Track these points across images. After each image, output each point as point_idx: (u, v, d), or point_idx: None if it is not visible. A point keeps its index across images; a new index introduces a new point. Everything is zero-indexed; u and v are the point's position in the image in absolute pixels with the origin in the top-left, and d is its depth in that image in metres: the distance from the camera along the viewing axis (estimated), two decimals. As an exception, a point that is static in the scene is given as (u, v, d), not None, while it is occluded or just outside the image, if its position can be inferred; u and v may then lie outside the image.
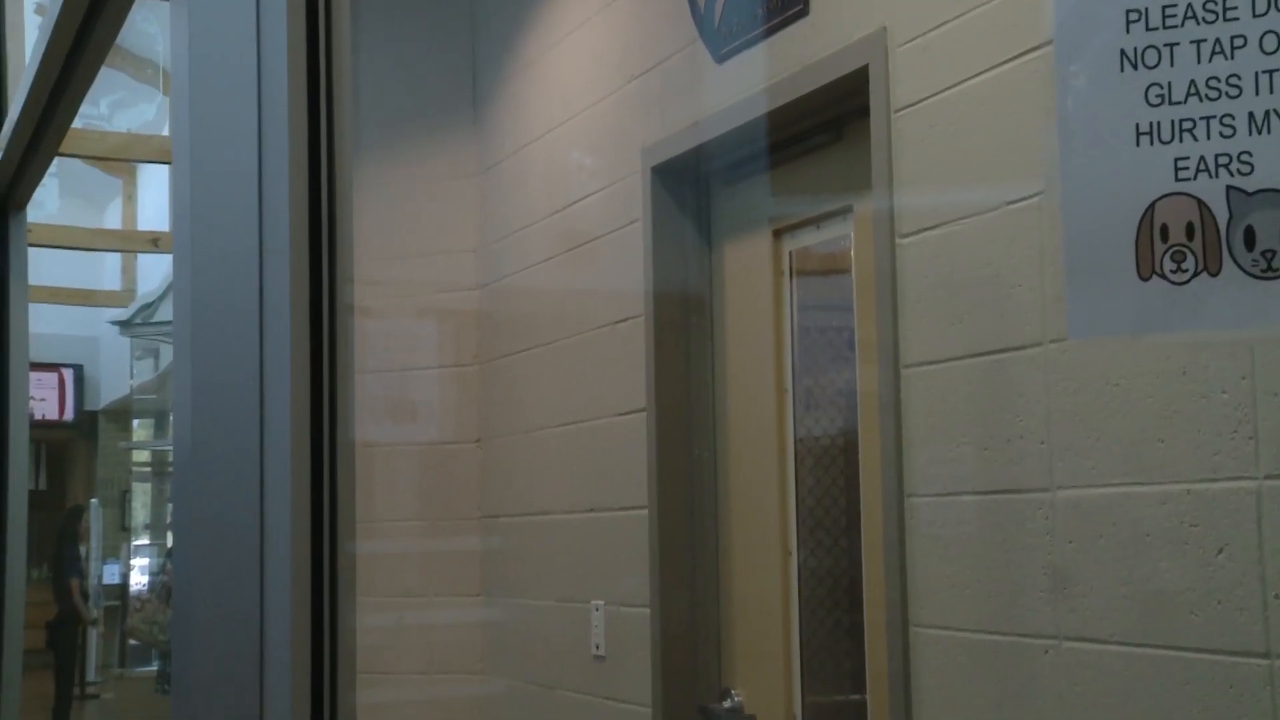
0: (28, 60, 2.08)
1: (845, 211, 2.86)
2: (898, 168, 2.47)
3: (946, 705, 2.33)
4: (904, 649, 2.41)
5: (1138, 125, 1.45)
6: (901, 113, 2.48)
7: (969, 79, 2.33)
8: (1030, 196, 2.18)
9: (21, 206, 2.60)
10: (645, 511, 3.32)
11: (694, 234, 3.30)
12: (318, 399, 1.25)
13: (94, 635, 10.85)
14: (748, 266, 3.17)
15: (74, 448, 14.96)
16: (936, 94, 2.40)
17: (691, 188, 3.32)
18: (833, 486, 2.93)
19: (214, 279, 1.21)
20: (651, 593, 3.28)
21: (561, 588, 3.76)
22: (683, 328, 3.31)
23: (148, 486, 12.92)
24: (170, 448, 12.39)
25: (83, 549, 10.02)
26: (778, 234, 3.08)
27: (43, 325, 3.00)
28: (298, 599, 1.22)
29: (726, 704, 3.12)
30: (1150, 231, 1.44)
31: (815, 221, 2.98)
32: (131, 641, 10.75)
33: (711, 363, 3.28)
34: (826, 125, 2.85)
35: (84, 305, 13.22)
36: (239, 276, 1.21)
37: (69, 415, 14.61)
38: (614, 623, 3.47)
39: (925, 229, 2.41)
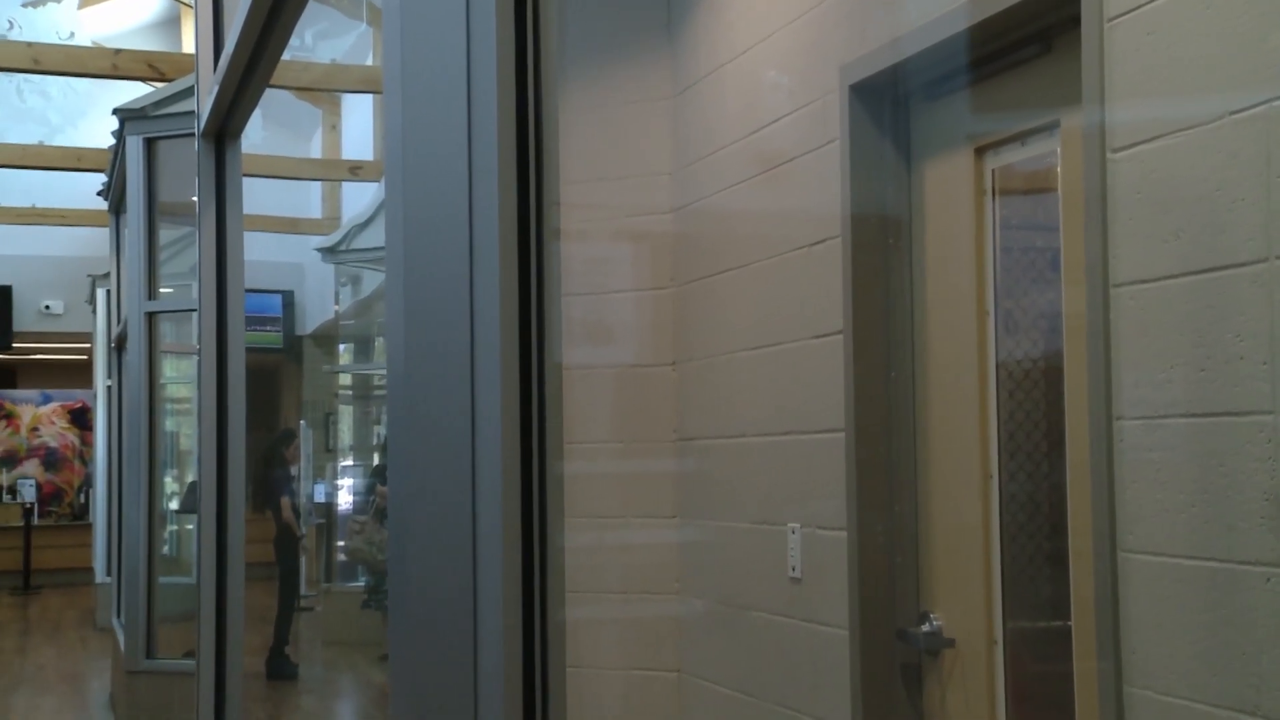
0: (240, -6, 2.13)
1: (1052, 127, 2.76)
2: (1110, 79, 2.38)
3: (1156, 632, 2.27)
4: (1112, 574, 2.35)
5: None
6: (1115, 21, 2.37)
7: (1187, -17, 2.22)
8: (1256, 105, 2.08)
9: (236, 136, 2.70)
10: (842, 434, 3.30)
11: (892, 153, 3.24)
12: (525, 322, 1.27)
13: (304, 552, 11.31)
14: (948, 186, 3.10)
15: (284, 372, 15.56)
16: (1153, 0, 2.29)
17: (890, 106, 3.25)
18: (1035, 409, 2.86)
19: (424, 201, 1.23)
20: (848, 515, 3.27)
21: (757, 510, 3.77)
22: (880, 249, 3.26)
23: (351, 409, 13.36)
24: (374, 371, 12.79)
25: (293, 470, 10.42)
26: (979, 152, 3.00)
27: (256, 253, 3.12)
28: (509, 519, 1.24)
29: (925, 627, 3.11)
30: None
31: (1019, 138, 2.89)
32: (344, 559, 11.18)
33: (910, 284, 3.23)
34: (1034, 37, 2.76)
35: (291, 233, 13.66)
36: (449, 199, 1.22)
37: (279, 341, 15.18)
38: (810, 545, 3.47)
39: (1139, 143, 2.32)
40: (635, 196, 4.30)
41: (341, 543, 11.81)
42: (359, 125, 13.34)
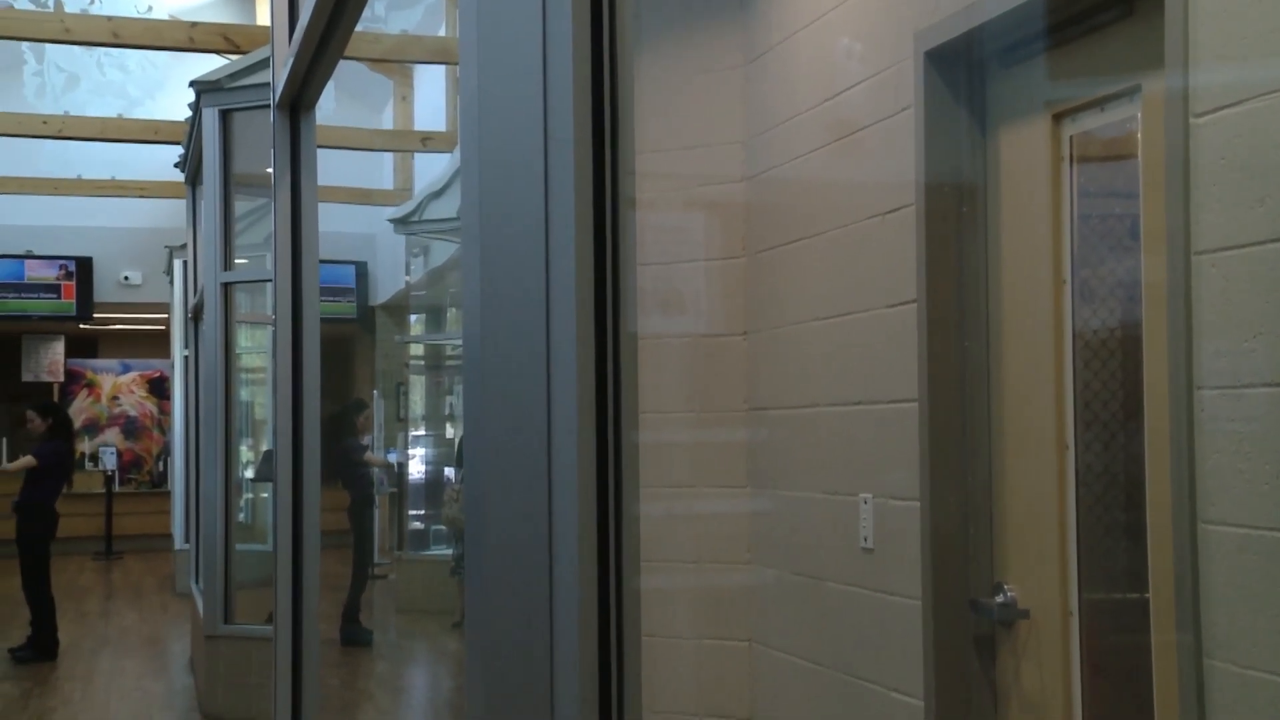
0: (314, -35, 2.14)
1: (1132, 92, 2.72)
2: (1194, 42, 2.33)
3: (1238, 605, 2.24)
4: (1192, 547, 2.32)
5: None
6: (1200, -17, 2.33)
7: (1274, -57, 2.16)
8: (1344, 69, 2.03)
9: (310, 107, 2.71)
10: (914, 404, 3.28)
11: (967, 120, 3.20)
12: (601, 292, 1.26)
13: (377, 521, 11.43)
14: (1024, 153, 3.06)
15: (357, 342, 15.70)
16: (1237, -38, 2.25)
17: (965, 72, 3.21)
18: (1111, 380, 2.83)
19: (500, 171, 1.23)
20: (921, 486, 3.25)
21: (829, 480, 3.76)
22: (955, 217, 3.23)
23: (422, 379, 13.46)
24: (444, 341, 12.88)
25: (366, 440, 10.52)
26: (1057, 118, 2.95)
27: (329, 224, 3.14)
28: (584, 488, 1.24)
29: (999, 598, 3.08)
30: None
31: (1099, 104, 2.84)
32: (440, 526, 11.26)
33: (985, 253, 3.19)
34: (1114, 0, 2.71)
35: (363, 204, 13.76)
36: (524, 168, 1.22)
37: (353, 311, 15.31)
38: (883, 515, 3.46)
39: (1223, 107, 2.27)
40: (707, 165, 4.29)
41: (416, 510, 11.92)
42: (430, 96, 13.40)
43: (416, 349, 13.59)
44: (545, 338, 1.24)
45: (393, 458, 12.71)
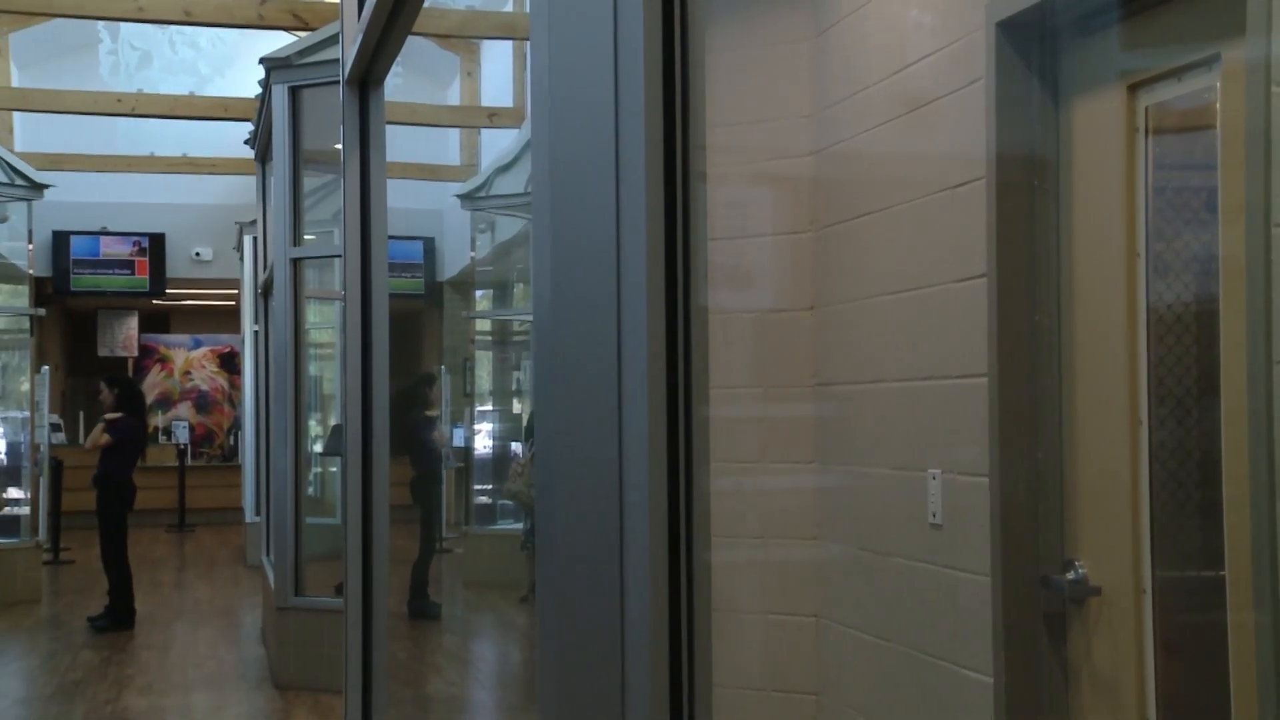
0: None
1: (1211, 61, 2.66)
2: (1277, 9, 2.28)
3: (1316, 585, 2.20)
4: (1270, 524, 2.28)
5: None
6: (1281, -51, 2.28)
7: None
8: None
9: (379, 83, 2.73)
10: (984, 379, 3.25)
11: (1040, 92, 3.16)
12: (671, 266, 1.26)
13: (445, 495, 11.52)
14: (1098, 124, 3.02)
15: (424, 318, 15.80)
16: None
17: (1038, 43, 3.17)
18: (1186, 355, 2.78)
19: (571, 145, 1.23)
20: (991, 461, 3.22)
21: (896, 455, 3.74)
22: (1026, 190, 3.19)
23: (489, 355, 13.52)
24: (510, 317, 12.92)
25: (434, 414, 10.59)
26: (1132, 89, 2.90)
27: (397, 200, 3.16)
28: (654, 463, 1.24)
29: (1070, 575, 3.05)
30: None
31: (1176, 74, 2.79)
32: (506, 501, 11.33)
33: (1056, 226, 3.15)
34: (1192, -32, 2.66)
35: (430, 180, 13.83)
36: (595, 142, 1.22)
37: (421, 287, 15.41)
38: (951, 491, 3.43)
39: (1304, 76, 2.23)
40: (775, 139, 4.26)
41: (482, 485, 11.99)
42: (496, 72, 13.43)
43: (483, 324, 13.66)
44: (616, 313, 1.24)
45: (459, 433, 12.80)
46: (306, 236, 8.34)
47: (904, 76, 3.64)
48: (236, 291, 15.98)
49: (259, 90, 8.77)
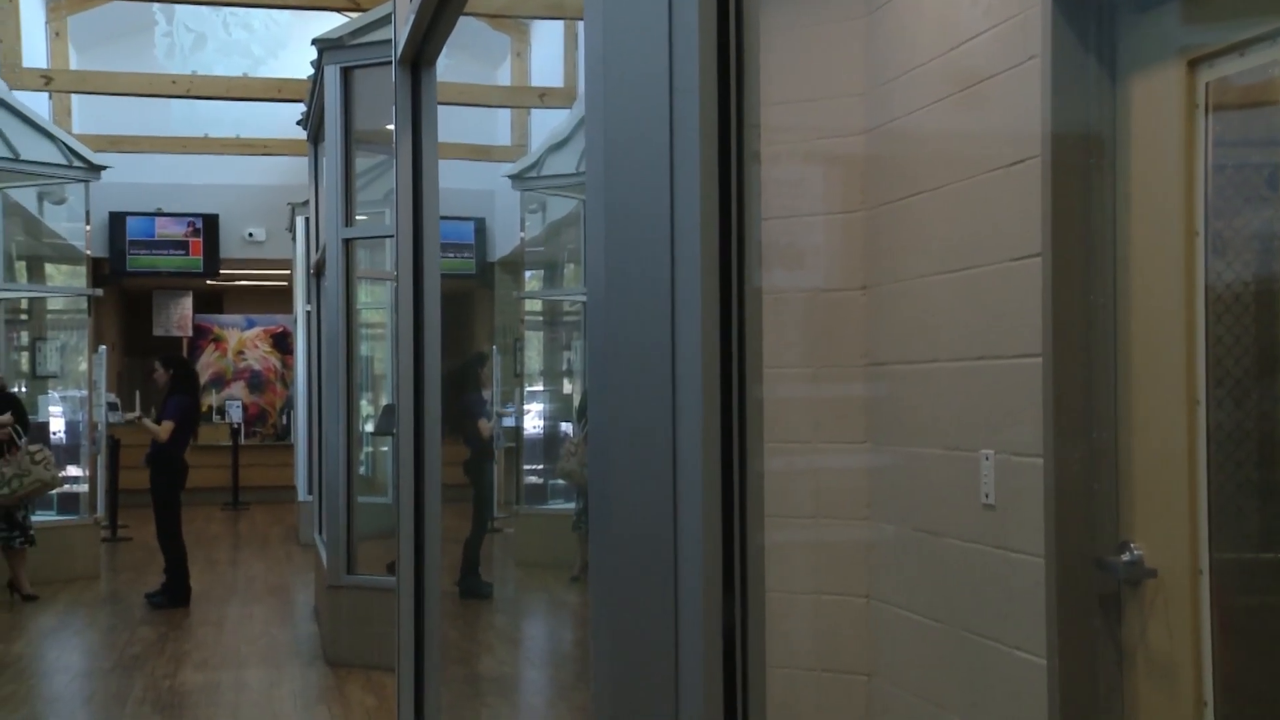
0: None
1: (1275, 36, 2.62)
2: (1340, -16, 2.24)
3: (1378, 569, 2.17)
4: (1330, 508, 2.25)
5: None
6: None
7: None
8: None
9: (431, 63, 2.73)
10: (1038, 359, 3.22)
11: (1096, 68, 3.12)
12: (726, 246, 1.26)
13: (496, 475, 11.57)
14: (1157, 101, 2.97)
15: (475, 298, 15.86)
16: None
17: (1095, 19, 3.13)
18: (1245, 335, 2.75)
19: (625, 124, 1.23)
20: (1045, 442, 3.19)
21: (949, 436, 3.72)
22: (1082, 169, 3.15)
23: (539, 335, 13.55)
24: (560, 297, 12.94)
25: (486, 394, 10.62)
26: (1192, 65, 2.86)
27: (448, 180, 3.16)
28: (708, 443, 1.24)
29: (1125, 557, 3.03)
30: None
31: (1238, 49, 2.75)
32: (558, 480, 11.37)
33: (1113, 205, 3.11)
34: (1253, -59, 2.62)
35: (481, 160, 13.86)
36: (649, 121, 1.21)
37: (472, 267, 15.47)
38: (1004, 472, 3.41)
39: (1368, 52, 2.19)
40: (826, 118, 4.24)
41: (532, 465, 12.03)
42: (547, 52, 13.43)
43: (533, 304, 13.70)
44: (670, 294, 1.24)
45: (509, 411, 12.84)
46: (358, 217, 8.38)
47: (958, 54, 3.61)
48: (289, 272, 16.09)
49: (311, 71, 8.81)
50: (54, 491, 11.11)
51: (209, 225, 17.20)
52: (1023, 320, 3.28)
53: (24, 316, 13.18)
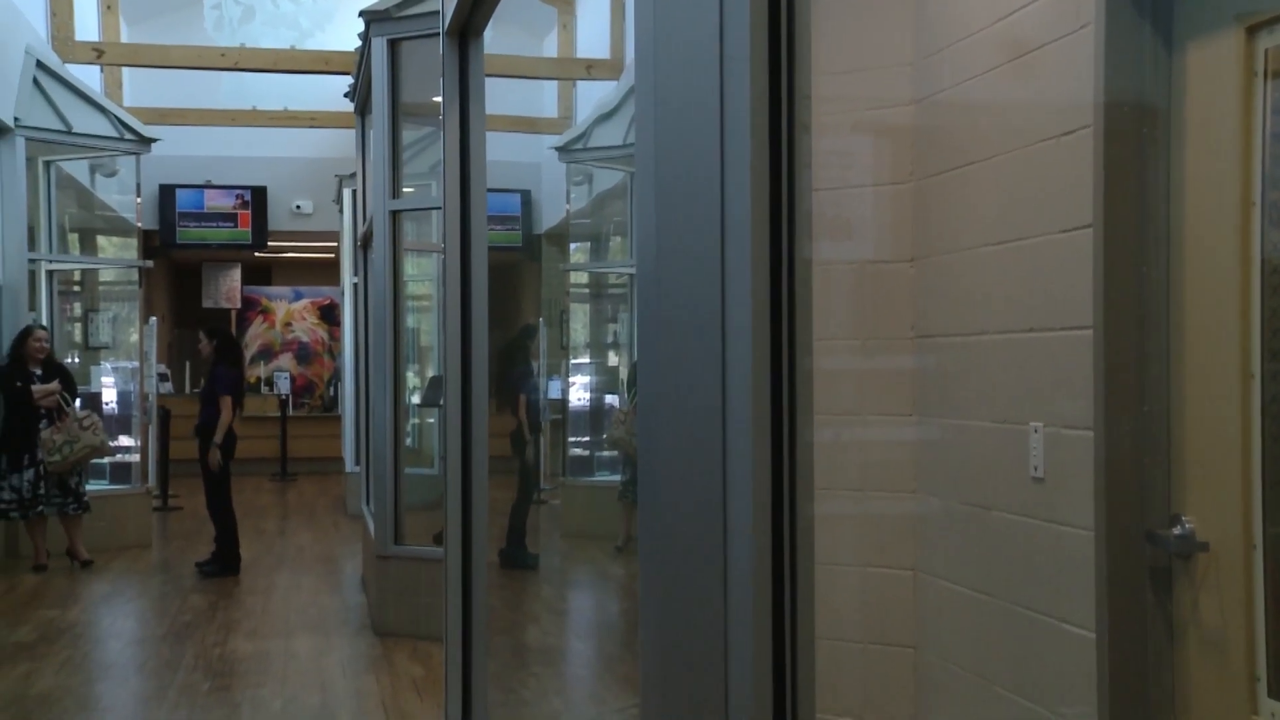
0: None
1: (1333, 2, 2.58)
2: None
3: None
4: (1388, 482, 2.22)
5: None
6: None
7: None
8: None
9: (479, 34, 2.73)
10: (1089, 331, 3.19)
11: (1151, 36, 3.07)
12: (776, 218, 1.25)
13: (543, 447, 11.60)
14: (1213, 69, 2.93)
15: (522, 271, 15.89)
16: None
17: (1150, -15, 3.08)
18: (1301, 306, 2.71)
19: (675, 90, 1.22)
20: (1095, 415, 3.17)
21: (997, 408, 3.69)
22: (1135, 138, 3.11)
23: (584, 308, 13.56)
24: (606, 270, 12.94)
25: (534, 365, 10.64)
26: (1251, 31, 2.81)
27: (494, 153, 3.16)
28: (758, 412, 1.24)
29: (1176, 530, 3.00)
30: None
31: (1296, 15, 2.70)
32: (607, 450, 11.38)
33: (1167, 175, 3.07)
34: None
35: (527, 132, 13.85)
36: (700, 90, 1.21)
37: (518, 240, 15.48)
38: (1054, 445, 3.39)
39: None
40: (875, 88, 4.20)
41: (578, 437, 12.06)
42: (593, 24, 13.39)
43: (578, 277, 13.70)
44: (720, 264, 1.23)
45: (555, 385, 12.87)
46: (405, 189, 8.39)
47: (1009, 23, 3.57)
48: (336, 244, 16.18)
49: (359, 43, 8.83)
50: (106, 460, 11.24)
51: (257, 197, 17.31)
52: (1073, 292, 3.24)
53: (77, 288, 13.32)
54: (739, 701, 1.21)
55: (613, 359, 12.92)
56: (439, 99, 3.08)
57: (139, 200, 12.26)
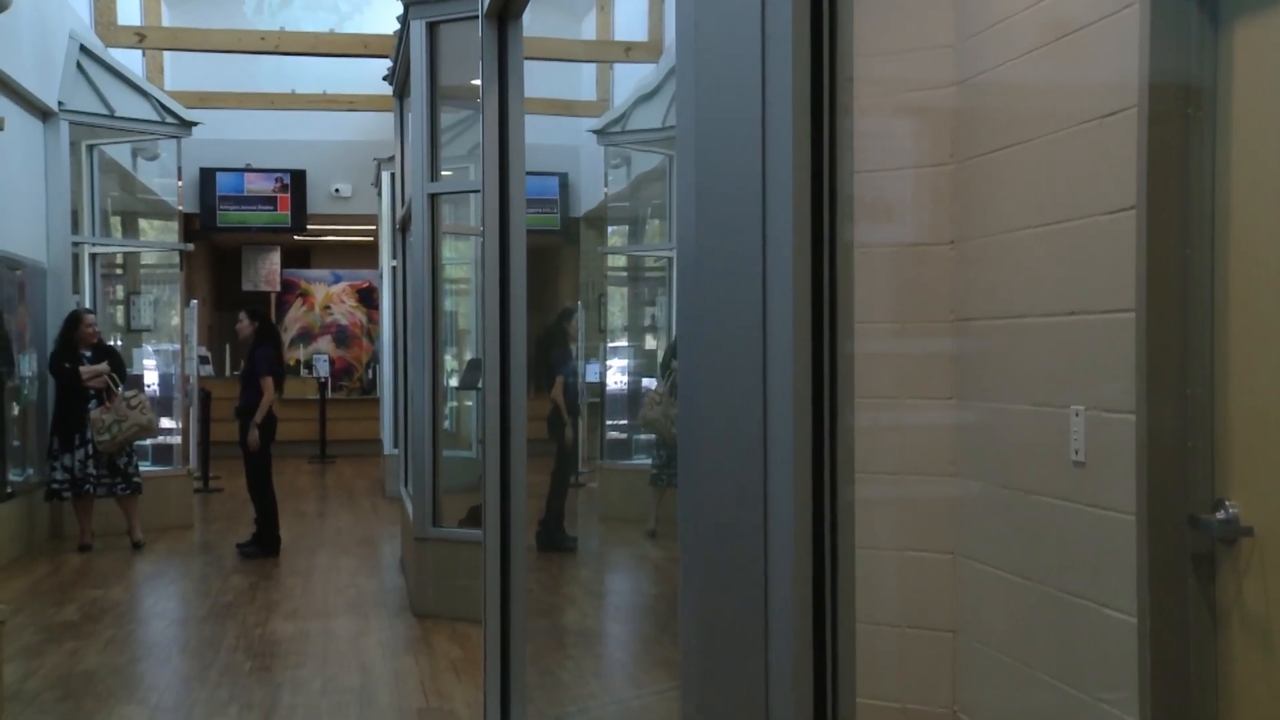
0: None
1: (1382, -19, 2.54)
2: None
3: None
4: None
5: None
6: None
7: None
8: None
9: (518, 16, 2.73)
10: (1131, 315, 3.16)
11: (1197, 15, 3.04)
12: (818, 199, 1.24)
13: (580, 430, 11.60)
14: (1261, 48, 2.89)
15: (560, 254, 15.89)
16: None
17: (1196, -36, 3.04)
18: (1348, 289, 2.68)
19: (717, 69, 1.21)
20: (1137, 398, 3.14)
21: (1038, 392, 3.67)
22: (1180, 119, 3.08)
23: (622, 291, 13.55)
24: (644, 253, 12.93)
25: (573, 348, 10.63)
26: (1297, 11, 2.78)
27: (532, 136, 3.16)
28: (799, 396, 1.23)
29: (1220, 515, 2.97)
30: None
31: (1344, -6, 2.66)
32: (640, 433, 11.38)
33: (1212, 157, 3.04)
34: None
35: (565, 115, 13.84)
36: (741, 70, 1.20)
37: (556, 223, 15.49)
38: (1095, 428, 3.36)
39: None
40: (916, 70, 4.18)
41: (615, 420, 12.07)
42: (632, 6, 13.35)
43: (616, 260, 13.69)
44: (761, 247, 1.23)
45: (593, 368, 12.88)
46: (444, 172, 8.40)
47: (1051, 3, 3.54)
48: (375, 227, 16.22)
49: (397, 27, 8.83)
50: (149, 442, 11.33)
51: (296, 181, 17.38)
52: (1116, 275, 3.22)
53: (119, 271, 13.42)
54: (779, 691, 1.20)
55: (650, 342, 12.92)
56: (478, 82, 3.08)
57: (180, 183, 12.34)
